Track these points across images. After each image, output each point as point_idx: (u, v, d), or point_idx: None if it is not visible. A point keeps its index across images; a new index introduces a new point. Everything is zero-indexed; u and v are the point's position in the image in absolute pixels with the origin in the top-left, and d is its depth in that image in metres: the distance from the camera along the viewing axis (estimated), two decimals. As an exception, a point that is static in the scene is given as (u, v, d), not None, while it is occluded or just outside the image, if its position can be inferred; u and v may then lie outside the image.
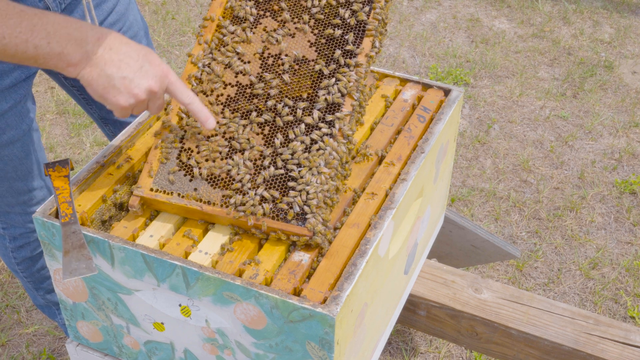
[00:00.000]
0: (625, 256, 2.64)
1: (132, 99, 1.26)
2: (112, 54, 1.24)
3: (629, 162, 3.07)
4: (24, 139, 1.65)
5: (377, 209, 1.35)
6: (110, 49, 1.24)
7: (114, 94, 1.25)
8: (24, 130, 1.64)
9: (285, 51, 1.42)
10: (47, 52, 1.19)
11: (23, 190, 1.72)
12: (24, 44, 1.18)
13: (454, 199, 2.86)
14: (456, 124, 1.68)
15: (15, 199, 1.74)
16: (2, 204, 1.75)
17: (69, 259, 1.22)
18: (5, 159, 1.64)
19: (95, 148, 3.11)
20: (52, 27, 1.20)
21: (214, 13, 1.45)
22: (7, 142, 1.62)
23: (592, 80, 3.56)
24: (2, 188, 1.71)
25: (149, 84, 1.26)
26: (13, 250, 1.89)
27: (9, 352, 2.31)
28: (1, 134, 1.60)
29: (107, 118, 1.89)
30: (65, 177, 1.32)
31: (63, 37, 1.20)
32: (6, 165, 1.66)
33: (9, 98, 1.56)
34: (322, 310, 1.13)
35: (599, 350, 1.64)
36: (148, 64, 1.27)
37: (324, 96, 1.36)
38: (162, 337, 1.36)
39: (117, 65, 1.24)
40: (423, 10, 4.15)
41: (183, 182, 1.34)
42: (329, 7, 1.43)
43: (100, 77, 1.24)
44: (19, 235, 1.84)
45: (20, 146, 1.65)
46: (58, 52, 1.20)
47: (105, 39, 1.24)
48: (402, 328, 2.36)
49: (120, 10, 1.71)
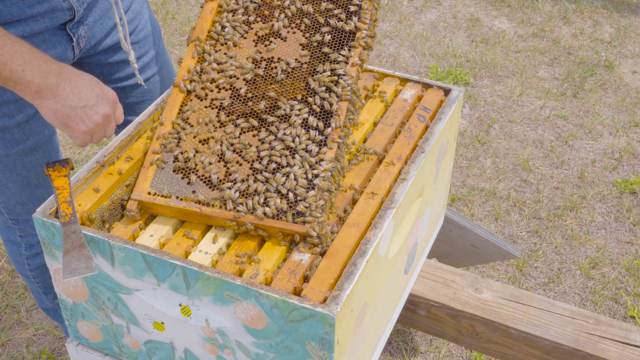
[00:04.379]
0: (625, 256, 2.64)
1: (92, 124, 1.39)
2: (72, 86, 1.36)
3: (629, 162, 3.07)
4: (46, 145, 1.65)
5: (377, 208, 1.36)
6: (69, 82, 1.36)
7: (76, 121, 1.37)
8: (47, 136, 1.65)
9: (278, 55, 1.43)
10: (19, 77, 1.30)
11: (45, 197, 1.72)
12: (2, 66, 1.27)
13: (454, 199, 2.86)
14: (456, 123, 1.68)
15: (37, 207, 1.73)
16: (23, 211, 1.75)
17: (69, 258, 1.22)
18: (28, 165, 1.64)
19: (95, 148, 3.11)
20: (28, 56, 1.30)
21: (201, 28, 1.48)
22: (30, 149, 1.62)
23: (592, 80, 3.56)
24: (24, 196, 1.70)
25: (104, 110, 1.40)
26: (28, 257, 1.89)
27: (9, 352, 2.32)
28: (25, 140, 1.60)
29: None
30: (66, 176, 1.33)
31: (35, 67, 1.31)
32: (29, 173, 1.66)
33: None
34: (322, 309, 1.13)
35: (599, 350, 1.64)
36: (101, 92, 1.41)
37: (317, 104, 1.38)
38: (162, 337, 1.36)
39: (78, 96, 1.36)
40: (423, 10, 4.15)
41: (181, 185, 1.34)
42: (319, 12, 1.44)
43: (63, 107, 1.35)
44: (35, 243, 1.84)
45: (43, 152, 1.65)
46: (29, 80, 1.30)
47: (64, 72, 1.35)
48: (402, 328, 2.36)
49: (136, 8, 1.72)
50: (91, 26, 1.60)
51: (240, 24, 1.47)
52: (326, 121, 1.36)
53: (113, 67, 1.73)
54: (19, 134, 1.58)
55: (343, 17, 1.43)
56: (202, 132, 1.39)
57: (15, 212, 1.75)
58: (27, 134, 1.59)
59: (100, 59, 1.69)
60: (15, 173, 1.64)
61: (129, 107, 1.82)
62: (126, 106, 1.82)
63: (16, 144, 1.59)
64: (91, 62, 1.69)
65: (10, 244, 1.87)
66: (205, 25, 1.47)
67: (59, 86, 1.34)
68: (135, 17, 1.71)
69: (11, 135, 1.57)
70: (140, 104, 1.82)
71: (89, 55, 1.66)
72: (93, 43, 1.64)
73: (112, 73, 1.74)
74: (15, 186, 1.67)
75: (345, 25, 1.43)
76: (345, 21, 1.43)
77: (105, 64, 1.71)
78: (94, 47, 1.65)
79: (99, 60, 1.70)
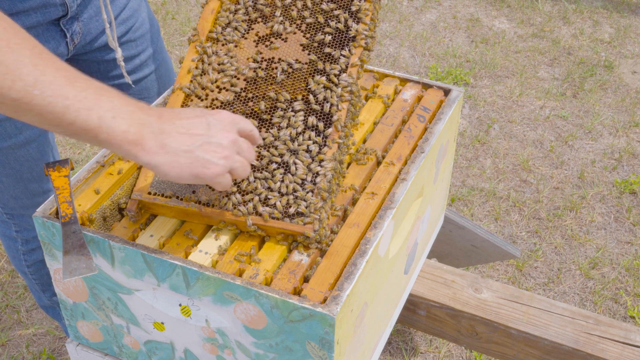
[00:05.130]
0: (625, 256, 2.64)
1: (222, 160, 1.12)
2: (177, 127, 1.10)
3: (629, 162, 3.07)
4: (40, 139, 1.65)
5: (377, 208, 1.36)
6: (172, 123, 1.10)
7: (204, 165, 1.11)
8: (40, 130, 1.64)
9: (279, 55, 1.43)
10: (110, 126, 1.04)
11: (38, 192, 1.71)
12: (87, 112, 1.02)
13: (454, 199, 2.86)
14: (456, 123, 1.68)
15: (30, 201, 1.73)
16: (17, 206, 1.75)
17: (69, 258, 1.22)
18: (21, 159, 1.64)
19: (96, 148, 3.11)
20: (118, 100, 1.06)
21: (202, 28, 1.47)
22: (23, 142, 1.61)
23: (592, 80, 3.56)
24: (18, 190, 1.70)
25: (226, 136, 1.13)
26: (25, 253, 1.88)
27: (9, 352, 2.32)
28: (18, 134, 1.59)
29: None
30: (66, 176, 1.33)
31: (127, 113, 1.05)
32: (22, 166, 1.65)
33: None
34: (322, 310, 1.13)
35: (599, 350, 1.64)
36: (210, 117, 1.14)
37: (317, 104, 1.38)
38: (162, 337, 1.36)
39: (190, 135, 1.10)
40: (423, 10, 4.15)
41: (181, 185, 1.34)
42: (320, 13, 1.45)
43: (179, 157, 1.09)
44: (31, 238, 1.84)
45: (36, 147, 1.65)
46: (123, 129, 1.05)
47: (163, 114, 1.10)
48: (402, 328, 2.36)
49: (133, 6, 1.71)
50: (86, 22, 1.60)
51: (240, 23, 1.47)
52: (326, 121, 1.37)
53: (110, 65, 1.73)
54: (11, 128, 1.57)
55: (343, 18, 1.43)
56: None
57: (9, 206, 1.75)
58: (19, 127, 1.58)
59: (97, 56, 1.69)
60: (8, 167, 1.64)
61: None
62: None
63: (8, 137, 1.58)
64: (87, 59, 1.69)
65: (6, 240, 1.87)
66: (206, 25, 1.47)
67: (162, 132, 1.08)
68: (132, 15, 1.71)
69: (3, 129, 1.57)
70: None
71: (85, 52, 1.66)
72: (89, 40, 1.63)
73: (109, 70, 1.74)
74: (9, 180, 1.67)
75: (346, 26, 1.43)
76: (345, 22, 1.43)
77: (101, 61, 1.71)
78: (89, 43, 1.65)
79: (95, 58, 1.70)
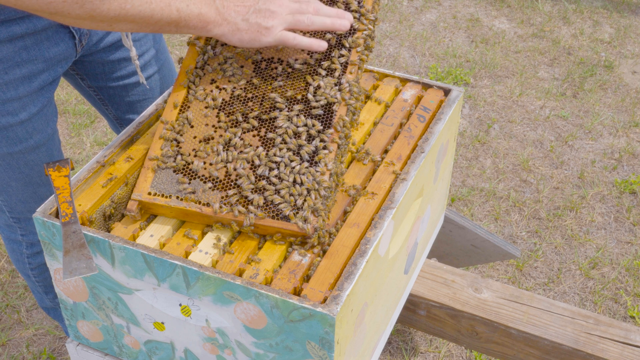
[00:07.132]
0: (625, 256, 2.65)
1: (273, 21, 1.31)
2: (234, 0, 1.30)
3: (629, 162, 3.07)
4: (49, 143, 1.65)
5: (377, 208, 1.36)
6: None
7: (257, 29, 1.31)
8: (49, 135, 1.64)
9: (279, 55, 1.43)
10: (187, 13, 1.27)
11: (46, 195, 1.71)
12: (168, 8, 1.25)
13: (454, 199, 2.87)
14: (456, 123, 1.68)
15: (38, 205, 1.73)
16: (24, 210, 1.75)
17: (69, 258, 1.22)
18: (30, 163, 1.64)
19: (96, 148, 3.11)
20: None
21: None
22: (33, 147, 1.62)
23: (592, 80, 3.56)
24: (26, 194, 1.70)
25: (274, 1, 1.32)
26: (29, 256, 1.88)
27: (9, 352, 2.32)
28: (28, 138, 1.60)
29: (122, 118, 1.89)
30: (66, 176, 1.33)
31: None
32: (31, 171, 1.66)
33: (37, 101, 1.56)
34: (322, 309, 1.13)
35: (599, 350, 1.65)
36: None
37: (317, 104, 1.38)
38: (162, 337, 1.36)
39: (243, 6, 1.31)
40: (423, 10, 4.15)
41: (181, 185, 1.34)
42: None
43: (238, 24, 1.30)
44: (36, 241, 1.84)
45: (45, 151, 1.65)
46: (197, 13, 1.28)
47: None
48: (402, 328, 2.37)
49: None
50: None
51: None
52: (326, 122, 1.37)
53: (114, 65, 1.73)
54: (22, 132, 1.58)
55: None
56: (202, 133, 1.39)
57: (16, 210, 1.75)
58: (30, 132, 1.59)
59: (102, 56, 1.70)
60: (18, 171, 1.65)
61: (130, 106, 1.82)
62: (127, 105, 1.81)
63: (19, 142, 1.59)
64: (92, 60, 1.69)
65: (11, 243, 1.88)
66: None
67: (224, 7, 1.30)
68: None
69: (14, 134, 1.58)
70: (141, 102, 1.83)
71: (90, 52, 1.66)
72: (95, 40, 1.64)
73: (113, 71, 1.74)
74: (17, 184, 1.67)
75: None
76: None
77: (106, 61, 1.71)
78: (95, 44, 1.65)
79: (100, 58, 1.70)
